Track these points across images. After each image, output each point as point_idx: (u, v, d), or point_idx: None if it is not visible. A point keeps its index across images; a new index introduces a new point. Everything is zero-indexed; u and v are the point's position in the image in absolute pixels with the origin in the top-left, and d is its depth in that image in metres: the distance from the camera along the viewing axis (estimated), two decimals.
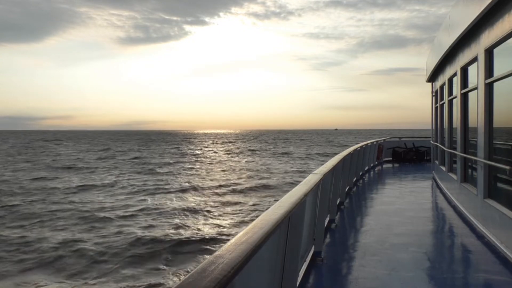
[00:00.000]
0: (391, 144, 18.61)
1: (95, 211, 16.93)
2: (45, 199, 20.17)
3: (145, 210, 17.28)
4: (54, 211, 16.98)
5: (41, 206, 18.13)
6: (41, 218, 15.78)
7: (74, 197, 20.90)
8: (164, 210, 17.17)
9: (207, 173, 32.16)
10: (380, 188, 11.33)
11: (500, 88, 5.55)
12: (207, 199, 20.37)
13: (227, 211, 17.22)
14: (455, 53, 8.28)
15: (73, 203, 19.02)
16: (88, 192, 22.57)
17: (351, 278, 4.41)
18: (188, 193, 22.18)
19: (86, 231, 13.83)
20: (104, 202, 19.27)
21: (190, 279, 1.28)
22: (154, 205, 18.45)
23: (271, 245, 2.74)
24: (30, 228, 14.31)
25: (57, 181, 27.23)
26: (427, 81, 13.63)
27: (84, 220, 15.42)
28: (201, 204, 18.68)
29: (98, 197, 21.03)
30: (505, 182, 5.52)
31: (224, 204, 18.75)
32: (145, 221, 15.10)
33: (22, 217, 16.03)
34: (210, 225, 14.60)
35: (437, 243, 6.02)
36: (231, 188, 23.78)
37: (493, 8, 5.10)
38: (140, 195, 21.36)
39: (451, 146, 9.62)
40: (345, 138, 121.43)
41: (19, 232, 13.68)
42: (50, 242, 12.45)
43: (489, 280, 4.35)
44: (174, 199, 20.25)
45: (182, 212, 16.69)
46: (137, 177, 29.49)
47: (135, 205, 18.52)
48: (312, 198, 4.63)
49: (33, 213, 16.62)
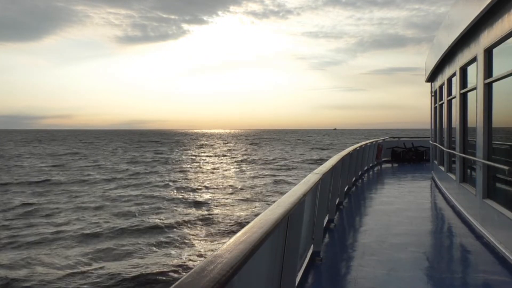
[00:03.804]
0: (390, 144, 18.63)
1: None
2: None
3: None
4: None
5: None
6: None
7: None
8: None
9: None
10: (379, 188, 11.33)
11: (499, 88, 5.55)
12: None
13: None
14: (454, 53, 8.29)
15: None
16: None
17: (350, 278, 4.41)
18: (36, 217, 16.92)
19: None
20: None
21: (189, 278, 1.27)
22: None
23: (270, 244, 2.74)
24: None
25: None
26: (426, 81, 13.64)
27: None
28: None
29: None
30: (504, 182, 5.52)
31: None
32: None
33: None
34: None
35: (436, 243, 6.03)
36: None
37: (492, 8, 5.09)
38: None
39: (450, 146, 9.63)
40: (333, 139, 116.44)
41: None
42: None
43: (488, 280, 4.36)
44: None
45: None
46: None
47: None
48: (311, 198, 4.63)
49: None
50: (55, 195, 22.58)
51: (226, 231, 14.49)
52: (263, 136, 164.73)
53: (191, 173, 33.70)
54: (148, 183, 27.52)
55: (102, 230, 14.75)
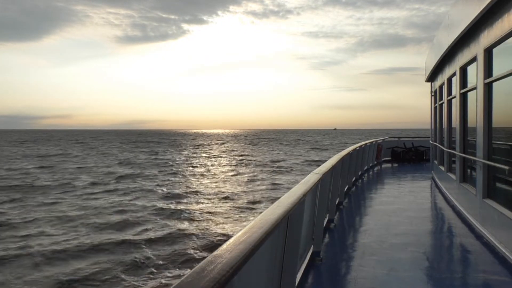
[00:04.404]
0: (390, 144, 18.62)
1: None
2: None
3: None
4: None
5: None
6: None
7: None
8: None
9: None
10: (379, 188, 11.33)
11: (499, 88, 5.55)
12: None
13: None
14: (454, 52, 8.28)
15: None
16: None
17: (350, 278, 4.40)
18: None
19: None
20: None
21: (189, 279, 1.27)
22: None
23: (270, 245, 2.73)
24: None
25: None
26: (426, 81, 13.64)
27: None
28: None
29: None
30: (504, 182, 5.52)
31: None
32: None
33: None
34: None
35: (436, 243, 6.02)
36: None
37: (492, 8, 5.09)
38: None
39: (450, 146, 9.62)
40: (333, 139, 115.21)
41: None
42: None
43: (488, 280, 4.35)
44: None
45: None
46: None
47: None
48: (311, 198, 4.62)
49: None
50: (31, 200, 20.52)
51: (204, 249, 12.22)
52: (262, 136, 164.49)
53: (180, 177, 31.19)
54: (133, 188, 25.10)
55: (68, 247, 12.49)
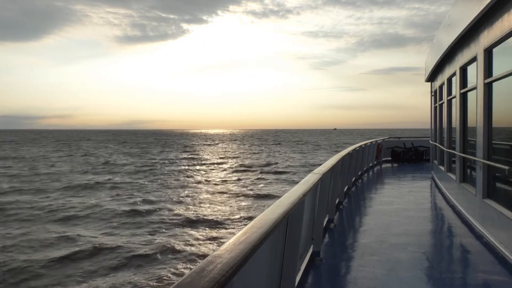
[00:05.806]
0: (390, 144, 18.62)
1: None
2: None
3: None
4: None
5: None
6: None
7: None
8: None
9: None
10: (379, 188, 11.33)
11: (499, 88, 5.55)
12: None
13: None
14: (454, 52, 8.28)
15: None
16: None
17: (350, 278, 4.40)
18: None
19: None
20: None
21: (188, 279, 1.27)
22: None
23: (270, 245, 2.73)
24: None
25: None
26: (426, 81, 13.64)
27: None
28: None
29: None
30: (504, 182, 5.52)
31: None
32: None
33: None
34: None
35: (436, 243, 6.02)
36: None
37: (492, 8, 5.09)
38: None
39: (450, 146, 9.62)
40: (333, 139, 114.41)
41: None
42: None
43: (488, 280, 4.35)
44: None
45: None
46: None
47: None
48: (311, 198, 4.62)
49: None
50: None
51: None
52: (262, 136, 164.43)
53: (165, 181, 28.87)
54: (109, 195, 22.77)
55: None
